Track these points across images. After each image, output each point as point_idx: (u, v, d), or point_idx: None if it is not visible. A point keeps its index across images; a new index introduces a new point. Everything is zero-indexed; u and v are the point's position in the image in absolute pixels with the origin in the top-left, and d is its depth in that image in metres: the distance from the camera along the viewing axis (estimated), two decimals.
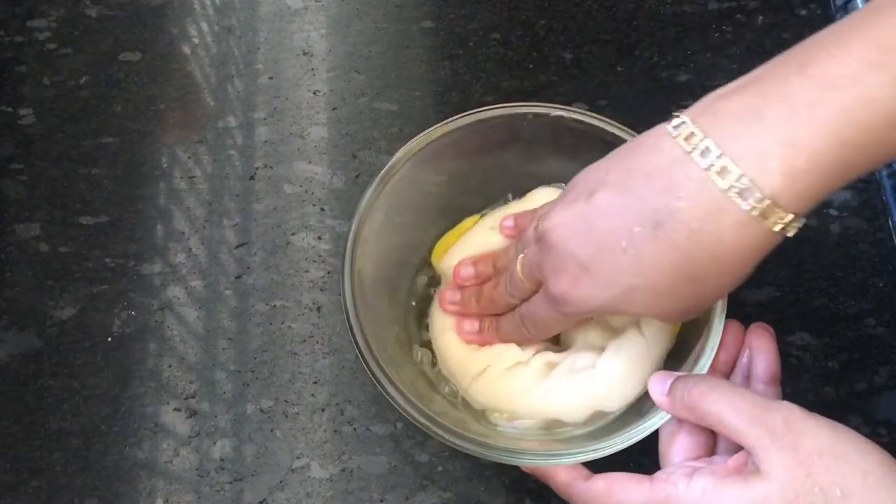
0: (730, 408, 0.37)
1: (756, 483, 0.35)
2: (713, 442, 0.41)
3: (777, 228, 0.34)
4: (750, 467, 0.36)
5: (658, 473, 0.39)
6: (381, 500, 0.48)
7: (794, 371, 0.52)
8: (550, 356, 0.47)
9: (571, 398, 0.45)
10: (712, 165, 0.34)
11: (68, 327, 0.53)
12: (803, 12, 0.64)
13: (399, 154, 0.49)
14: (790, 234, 0.35)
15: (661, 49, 0.62)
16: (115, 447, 0.50)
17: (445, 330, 0.48)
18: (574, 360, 0.46)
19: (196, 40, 0.64)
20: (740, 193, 0.33)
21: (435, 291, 0.51)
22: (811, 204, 0.34)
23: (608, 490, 0.40)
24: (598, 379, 0.45)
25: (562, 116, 0.50)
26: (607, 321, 0.47)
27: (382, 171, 0.49)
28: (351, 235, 0.47)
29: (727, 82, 0.37)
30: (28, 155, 0.59)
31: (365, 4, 0.65)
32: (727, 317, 0.44)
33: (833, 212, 0.57)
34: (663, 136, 0.36)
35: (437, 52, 0.63)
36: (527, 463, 0.42)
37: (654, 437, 0.43)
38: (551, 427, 0.46)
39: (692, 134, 0.35)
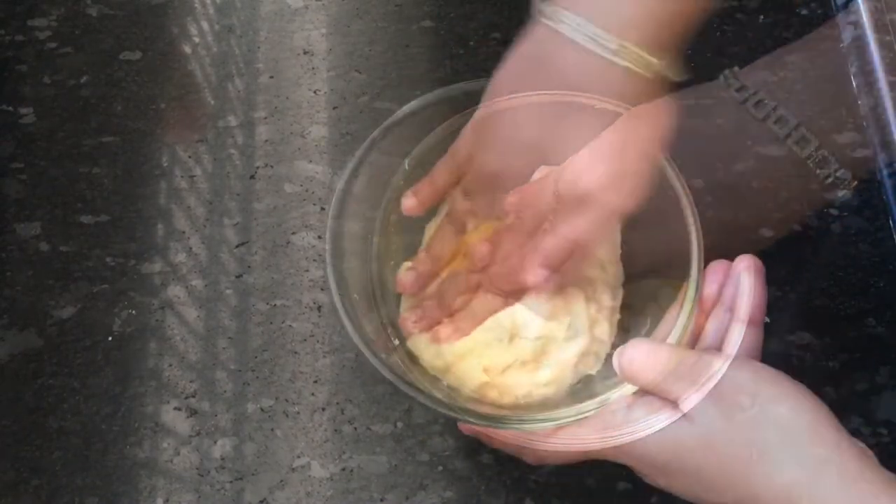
0: (652, 372, 0.39)
1: (678, 423, 0.37)
2: None
3: (651, 74, 0.43)
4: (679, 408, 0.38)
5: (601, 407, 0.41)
6: (382, 500, 0.48)
7: (795, 371, 0.51)
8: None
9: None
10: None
11: (68, 326, 0.53)
12: (804, 12, 0.64)
13: (400, 112, 0.50)
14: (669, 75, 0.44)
15: None
16: (115, 446, 0.50)
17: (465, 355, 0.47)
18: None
19: (197, 39, 0.64)
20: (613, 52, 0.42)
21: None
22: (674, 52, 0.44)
23: (553, 430, 0.42)
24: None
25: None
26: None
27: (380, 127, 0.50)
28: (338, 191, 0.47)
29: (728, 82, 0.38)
30: (28, 154, 0.59)
31: (365, 3, 0.65)
32: None
33: (833, 211, 0.57)
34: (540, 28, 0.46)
35: (438, 51, 0.63)
36: (513, 429, 0.42)
37: None
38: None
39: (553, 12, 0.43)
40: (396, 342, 0.48)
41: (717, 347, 0.43)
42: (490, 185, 0.47)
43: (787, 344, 0.52)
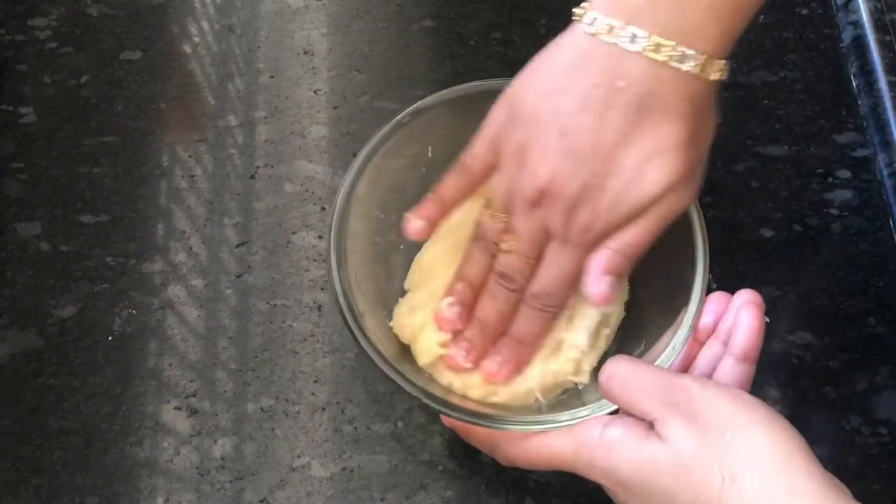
0: (630, 391, 0.39)
1: (653, 446, 0.37)
2: None
3: (713, 78, 0.39)
4: (656, 431, 0.38)
5: (579, 421, 0.41)
6: (382, 499, 0.48)
7: (795, 370, 0.52)
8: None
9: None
10: (645, 48, 0.38)
11: (69, 326, 0.53)
12: (804, 11, 0.64)
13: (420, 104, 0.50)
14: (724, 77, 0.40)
15: None
16: (115, 446, 0.50)
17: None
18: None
19: (197, 39, 0.64)
20: (679, 60, 0.38)
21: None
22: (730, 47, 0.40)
23: (528, 436, 0.42)
24: None
25: None
26: None
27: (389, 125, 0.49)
28: (347, 183, 0.47)
29: (728, 81, 0.38)
30: (29, 154, 0.59)
31: (365, 3, 0.65)
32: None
33: (834, 211, 0.57)
34: (584, 39, 0.40)
35: (438, 51, 0.63)
36: (505, 429, 0.43)
37: None
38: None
39: (611, 27, 0.39)
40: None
41: (707, 378, 0.43)
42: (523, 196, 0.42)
43: (787, 344, 0.52)
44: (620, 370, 0.40)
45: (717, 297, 0.44)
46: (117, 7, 0.65)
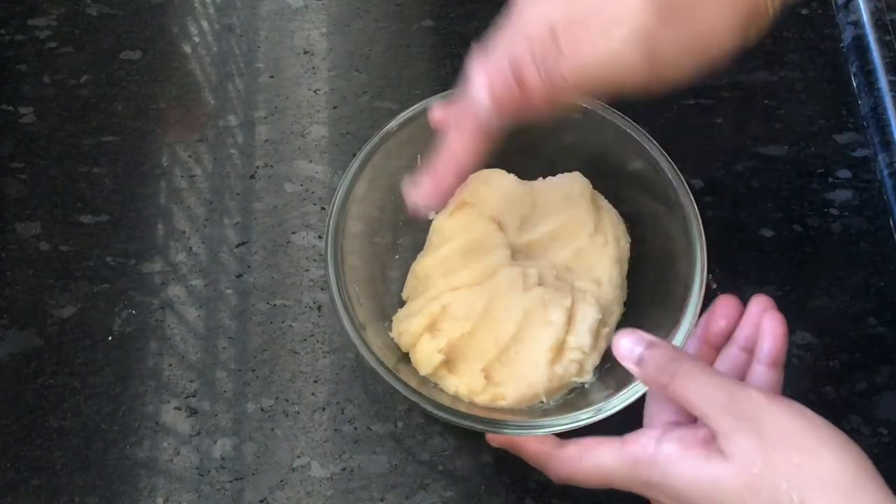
0: (696, 393, 0.37)
1: (716, 462, 0.35)
2: None
3: None
4: (717, 444, 0.36)
5: (629, 435, 0.39)
6: (382, 500, 0.48)
7: (795, 370, 0.52)
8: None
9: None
10: None
11: (69, 326, 0.53)
12: (805, 11, 0.64)
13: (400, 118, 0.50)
14: None
15: None
16: (115, 446, 0.50)
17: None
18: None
19: (197, 39, 0.64)
20: None
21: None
22: None
23: (579, 454, 0.40)
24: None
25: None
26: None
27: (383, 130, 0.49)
28: (342, 191, 0.47)
29: (728, 81, 0.38)
30: (28, 154, 0.59)
31: (366, 3, 0.65)
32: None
33: (834, 211, 0.57)
34: None
35: (438, 51, 0.63)
36: (507, 433, 0.43)
37: (634, 408, 0.43)
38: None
39: None
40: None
41: None
42: None
43: (787, 343, 0.52)
44: (683, 367, 0.38)
45: (729, 302, 0.44)
46: (117, 7, 0.65)
